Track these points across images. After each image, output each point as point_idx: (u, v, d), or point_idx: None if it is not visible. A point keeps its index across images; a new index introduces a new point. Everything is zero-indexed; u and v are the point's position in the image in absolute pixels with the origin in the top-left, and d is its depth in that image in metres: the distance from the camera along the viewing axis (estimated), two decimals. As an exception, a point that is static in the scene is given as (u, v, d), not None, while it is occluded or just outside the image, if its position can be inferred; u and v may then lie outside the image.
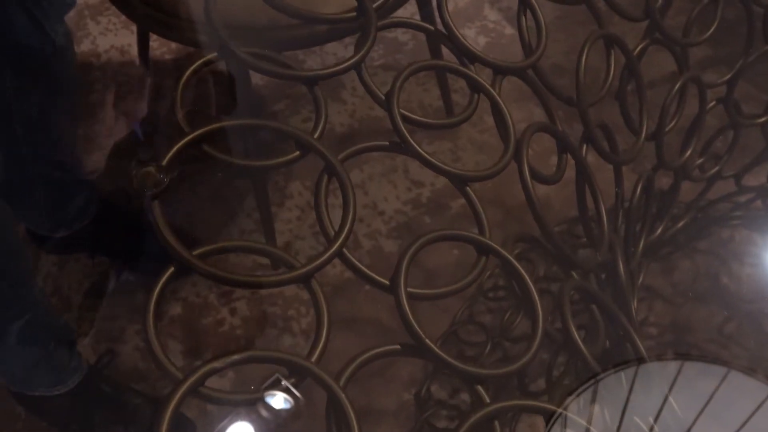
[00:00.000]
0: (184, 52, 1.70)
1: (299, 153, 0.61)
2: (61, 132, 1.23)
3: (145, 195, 0.54)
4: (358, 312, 1.34)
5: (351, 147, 0.65)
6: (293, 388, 0.50)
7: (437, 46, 1.37)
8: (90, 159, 1.52)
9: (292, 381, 0.51)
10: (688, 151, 1.00)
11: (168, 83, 1.63)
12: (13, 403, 1.21)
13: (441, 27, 0.75)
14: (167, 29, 1.21)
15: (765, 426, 0.64)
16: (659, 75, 1.24)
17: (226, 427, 0.50)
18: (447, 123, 0.72)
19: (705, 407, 0.64)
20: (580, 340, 0.65)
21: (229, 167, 0.60)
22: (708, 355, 0.81)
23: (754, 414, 0.64)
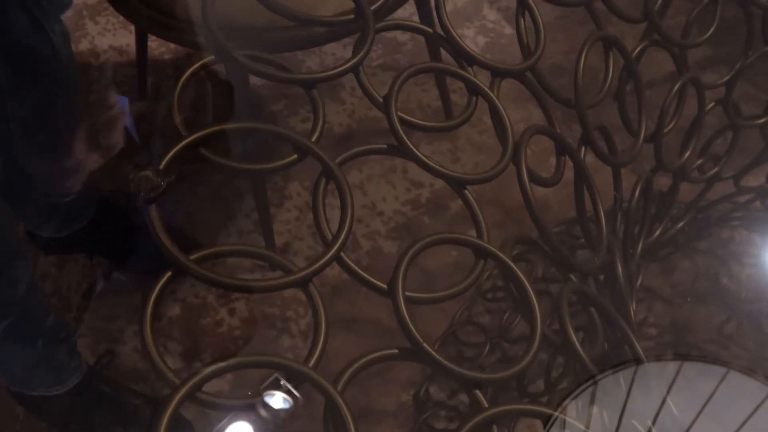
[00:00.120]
0: (183, 52, 1.70)
1: (297, 156, 0.61)
2: (60, 132, 1.23)
3: (142, 199, 0.54)
4: (357, 312, 1.34)
5: (350, 147, 0.65)
6: (292, 388, 0.50)
7: (436, 46, 1.37)
8: (89, 159, 1.52)
9: (291, 381, 0.51)
10: (687, 153, 1.00)
11: (167, 84, 1.63)
12: (13, 404, 1.21)
13: (439, 29, 0.75)
14: (165, 30, 1.21)
15: (764, 426, 0.64)
16: (658, 75, 1.23)
17: (225, 427, 0.50)
18: (445, 126, 0.72)
19: (704, 407, 0.64)
20: (578, 343, 0.65)
21: (228, 169, 0.60)
22: (707, 356, 0.81)
23: (753, 414, 0.64)
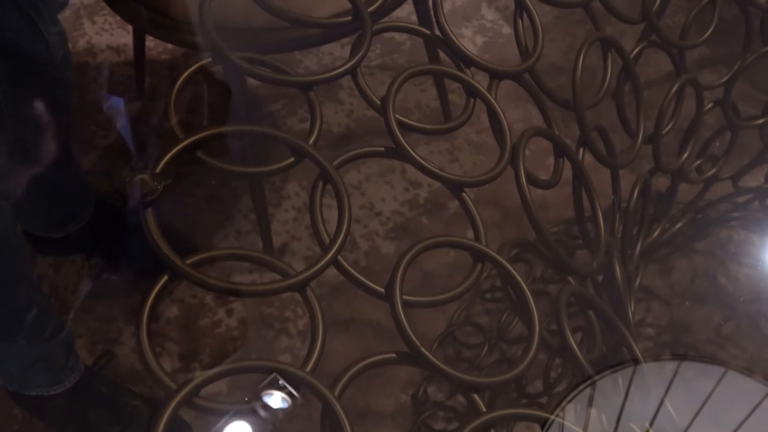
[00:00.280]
0: (180, 52, 1.69)
1: (294, 159, 0.61)
2: (56, 133, 1.22)
3: (139, 202, 0.54)
4: (355, 313, 1.34)
5: (348, 148, 0.65)
6: (291, 388, 0.50)
7: (434, 47, 1.36)
8: (86, 160, 1.51)
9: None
10: (685, 153, 1.00)
11: (164, 84, 1.63)
12: (11, 405, 1.21)
13: (437, 30, 0.75)
14: (163, 30, 1.21)
15: (762, 426, 0.64)
16: (657, 75, 1.23)
17: (223, 427, 0.50)
18: (443, 128, 0.72)
19: (702, 407, 0.64)
20: (576, 344, 0.65)
21: (225, 172, 0.60)
22: (705, 356, 0.81)
23: (751, 414, 0.64)
